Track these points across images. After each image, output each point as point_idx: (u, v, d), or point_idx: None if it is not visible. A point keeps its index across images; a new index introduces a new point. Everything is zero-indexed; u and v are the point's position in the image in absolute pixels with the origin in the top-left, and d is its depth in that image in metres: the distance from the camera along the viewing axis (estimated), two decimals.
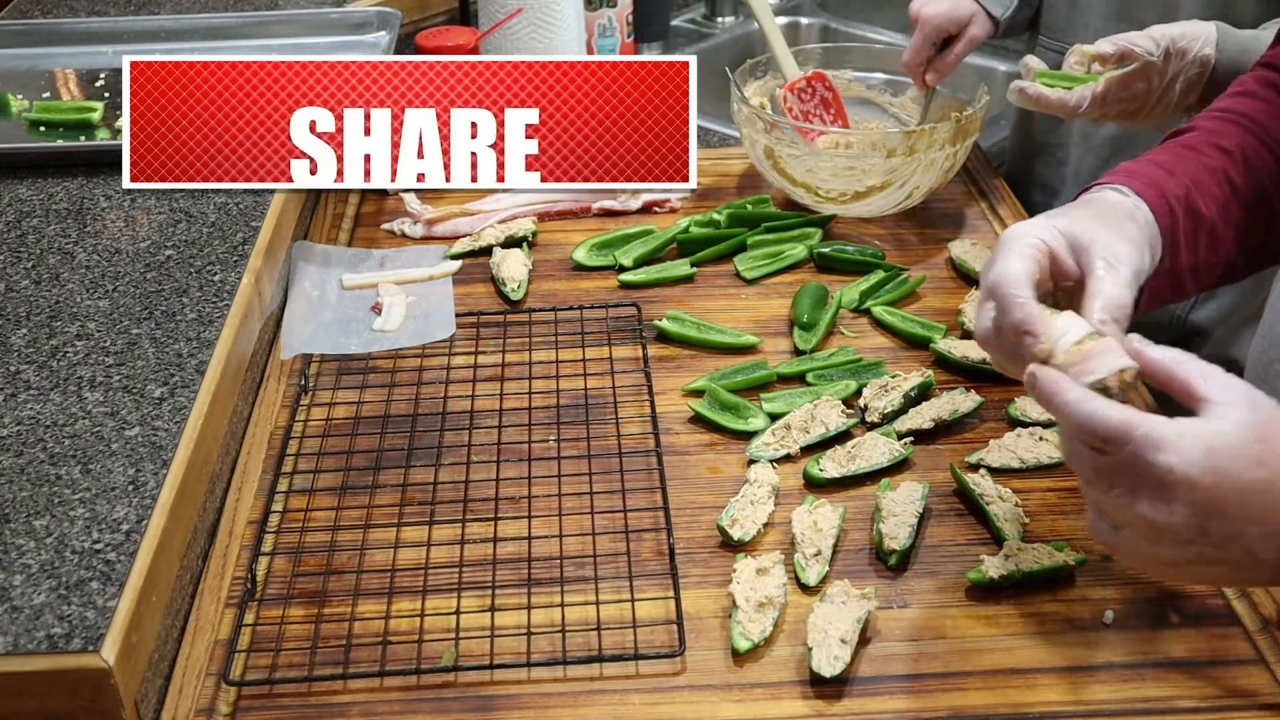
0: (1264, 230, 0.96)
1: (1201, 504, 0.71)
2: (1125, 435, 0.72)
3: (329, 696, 0.85)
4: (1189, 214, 0.91)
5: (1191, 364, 0.75)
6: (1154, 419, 0.72)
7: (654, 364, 1.17)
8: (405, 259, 1.34)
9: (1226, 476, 0.70)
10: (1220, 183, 0.93)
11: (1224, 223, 0.93)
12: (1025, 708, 0.83)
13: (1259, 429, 0.72)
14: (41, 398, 0.97)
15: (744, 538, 0.96)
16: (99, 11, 1.76)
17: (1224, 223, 0.93)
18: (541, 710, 0.84)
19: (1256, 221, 0.95)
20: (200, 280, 1.13)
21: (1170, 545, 0.73)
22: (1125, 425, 0.72)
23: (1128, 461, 0.72)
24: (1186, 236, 0.91)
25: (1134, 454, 0.72)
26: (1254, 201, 0.94)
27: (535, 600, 0.91)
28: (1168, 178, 0.91)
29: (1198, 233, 0.91)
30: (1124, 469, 0.72)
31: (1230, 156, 0.94)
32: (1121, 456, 0.72)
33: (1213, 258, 0.93)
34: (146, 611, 0.82)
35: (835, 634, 0.86)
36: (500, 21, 1.58)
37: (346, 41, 1.63)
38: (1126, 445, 0.72)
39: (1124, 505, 0.73)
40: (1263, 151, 0.95)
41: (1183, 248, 0.91)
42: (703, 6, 2.18)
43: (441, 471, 1.04)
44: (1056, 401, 0.75)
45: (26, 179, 1.30)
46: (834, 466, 1.03)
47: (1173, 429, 0.71)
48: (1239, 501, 0.71)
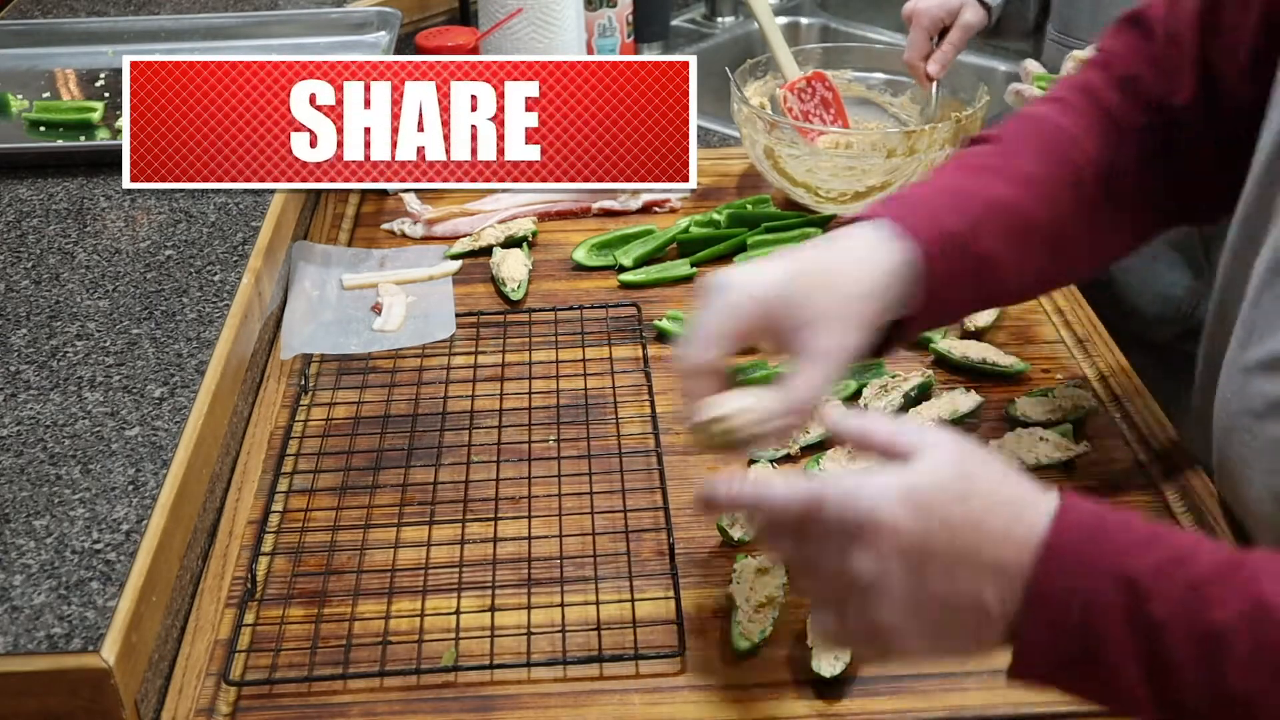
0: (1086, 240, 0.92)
1: (910, 549, 0.66)
2: (818, 500, 0.67)
3: (329, 696, 0.85)
4: (962, 255, 0.85)
5: (882, 423, 0.71)
6: (843, 476, 0.69)
7: (654, 364, 1.17)
8: (405, 259, 1.34)
9: (930, 515, 0.66)
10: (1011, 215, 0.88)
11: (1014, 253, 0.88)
12: (1025, 707, 0.83)
13: (960, 466, 0.68)
14: (41, 398, 0.97)
15: (744, 538, 0.96)
16: (99, 11, 1.76)
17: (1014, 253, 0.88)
18: (541, 710, 0.84)
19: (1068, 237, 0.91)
20: (200, 280, 1.13)
21: (893, 609, 0.67)
22: (816, 491, 0.68)
23: (829, 524, 0.67)
24: (958, 276, 0.86)
25: (833, 514, 0.67)
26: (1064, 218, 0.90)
27: (535, 600, 0.92)
28: (949, 209, 0.86)
29: (978, 272, 0.87)
30: (828, 538, 0.67)
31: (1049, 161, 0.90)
32: (821, 522, 0.67)
33: (998, 289, 0.90)
34: (146, 611, 0.82)
35: None
36: (500, 21, 1.58)
37: (346, 41, 1.63)
38: (823, 508, 0.67)
39: (838, 575, 0.67)
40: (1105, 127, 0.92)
41: (952, 286, 0.86)
42: (703, 6, 2.18)
43: (441, 471, 1.04)
44: (740, 499, 0.71)
45: (26, 179, 1.30)
46: (834, 466, 1.03)
47: (867, 478, 0.67)
48: (948, 540, 0.66)
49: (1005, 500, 0.67)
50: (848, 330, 0.81)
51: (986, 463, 0.69)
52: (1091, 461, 1.05)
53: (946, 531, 0.66)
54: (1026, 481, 0.69)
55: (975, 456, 0.69)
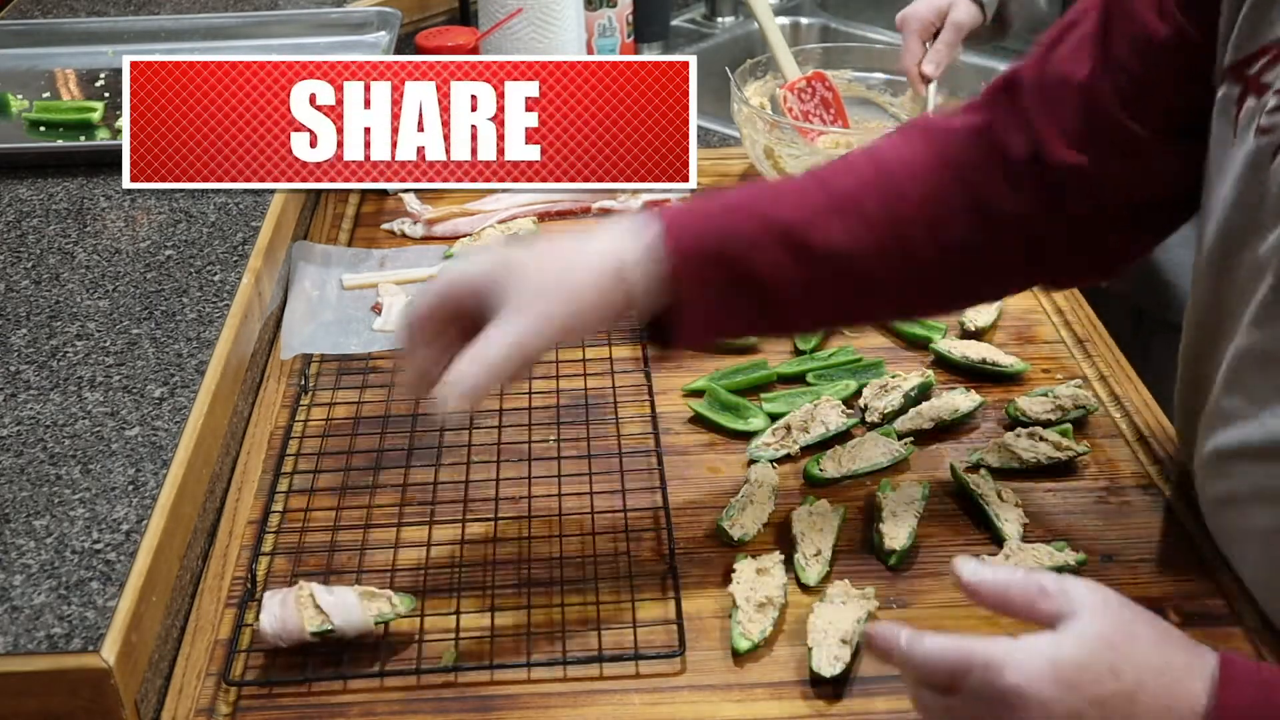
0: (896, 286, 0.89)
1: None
2: (966, 665, 0.67)
3: (329, 697, 0.85)
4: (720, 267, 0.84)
5: (1021, 585, 0.69)
6: (993, 642, 0.67)
7: (654, 364, 1.17)
8: (405, 259, 1.34)
9: (1080, 692, 0.65)
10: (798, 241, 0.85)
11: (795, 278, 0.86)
12: None
13: (1109, 639, 0.66)
14: (41, 398, 0.97)
15: (744, 537, 0.96)
16: (99, 11, 1.76)
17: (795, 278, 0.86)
18: (541, 710, 0.84)
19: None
20: (200, 280, 1.13)
21: None
22: (964, 655, 0.67)
23: (976, 690, 0.67)
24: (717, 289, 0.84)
25: (980, 681, 0.66)
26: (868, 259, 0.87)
27: (535, 600, 0.91)
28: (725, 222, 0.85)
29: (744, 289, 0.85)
30: (977, 702, 0.67)
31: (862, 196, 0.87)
32: (968, 688, 0.67)
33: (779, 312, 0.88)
34: (146, 611, 0.82)
35: (835, 634, 0.86)
36: (500, 21, 1.58)
37: (346, 41, 1.63)
38: (970, 675, 0.67)
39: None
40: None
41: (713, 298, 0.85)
42: (703, 6, 2.18)
43: (441, 471, 1.04)
44: (892, 652, 0.71)
45: (26, 179, 1.30)
46: (834, 466, 1.03)
47: (1015, 648, 0.66)
48: (1099, 716, 0.65)
49: (1160, 670, 0.66)
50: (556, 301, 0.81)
51: (1136, 625, 0.68)
52: (1091, 461, 1.05)
53: (1098, 709, 0.65)
54: (1180, 644, 0.68)
55: (1125, 621, 0.68)
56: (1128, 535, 0.97)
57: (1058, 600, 0.68)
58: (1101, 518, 0.99)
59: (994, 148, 0.90)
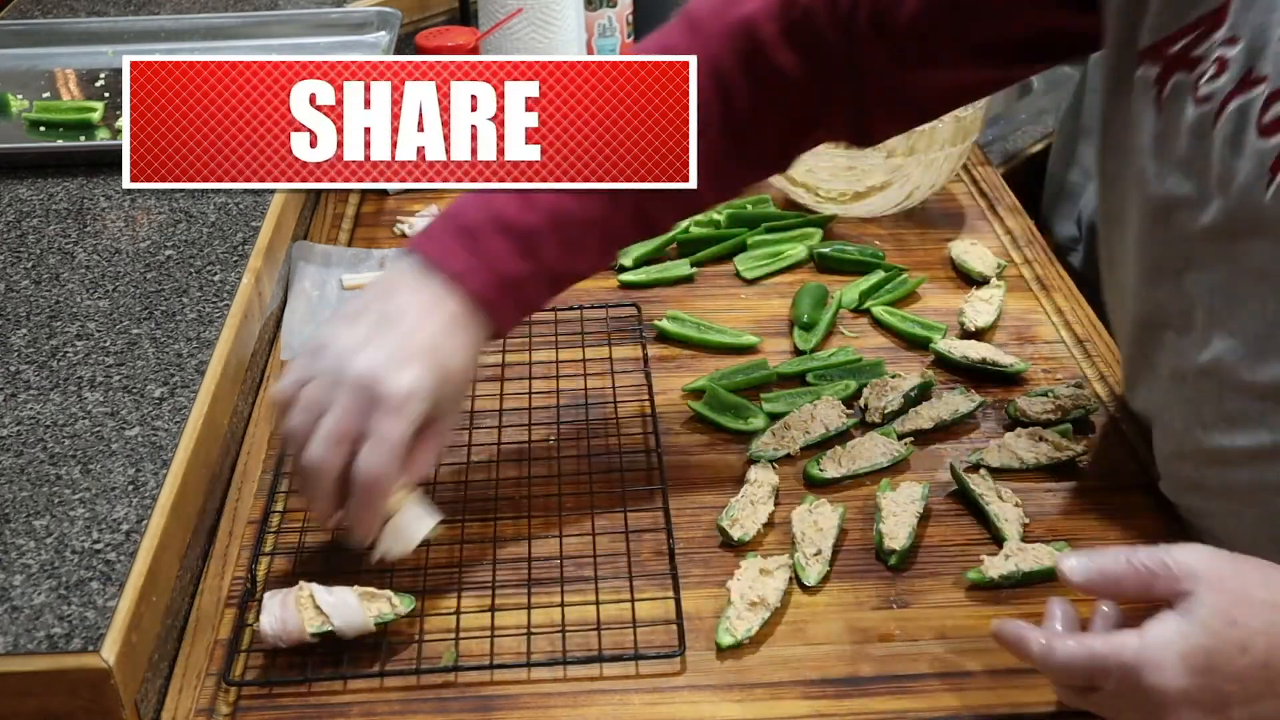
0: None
1: (1207, 703, 0.69)
2: (1103, 670, 0.71)
3: (329, 697, 0.85)
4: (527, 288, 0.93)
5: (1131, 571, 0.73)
6: (1122, 645, 0.71)
7: (654, 364, 1.17)
8: None
9: (1215, 674, 0.69)
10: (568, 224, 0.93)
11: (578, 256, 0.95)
12: (1025, 708, 0.83)
13: (1228, 613, 0.70)
14: (41, 398, 0.97)
15: (744, 538, 0.96)
16: (99, 11, 1.76)
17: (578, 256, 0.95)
18: (541, 710, 0.84)
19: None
20: (200, 280, 1.13)
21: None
22: (1098, 661, 0.71)
23: (1118, 692, 0.71)
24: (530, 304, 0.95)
25: (1119, 685, 0.71)
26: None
27: (535, 600, 0.92)
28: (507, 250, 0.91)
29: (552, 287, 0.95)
30: (1124, 698, 0.72)
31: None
32: (1110, 690, 0.72)
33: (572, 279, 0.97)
34: (146, 611, 0.82)
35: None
36: (500, 21, 1.58)
37: (346, 41, 1.63)
38: (1108, 679, 0.71)
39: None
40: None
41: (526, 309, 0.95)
42: None
43: (441, 471, 1.04)
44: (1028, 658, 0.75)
45: (26, 179, 1.30)
46: (834, 466, 1.03)
47: (1144, 648, 0.70)
48: (1241, 690, 0.69)
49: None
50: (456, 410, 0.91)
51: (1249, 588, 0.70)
52: (1091, 461, 1.05)
53: (1237, 684, 0.69)
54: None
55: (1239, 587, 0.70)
56: (1128, 535, 0.97)
57: (1169, 581, 0.71)
58: (1101, 518, 0.99)
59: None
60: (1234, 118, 0.79)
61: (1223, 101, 0.80)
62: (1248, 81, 0.78)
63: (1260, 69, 0.78)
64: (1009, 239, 1.38)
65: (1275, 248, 0.79)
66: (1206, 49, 0.81)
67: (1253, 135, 0.78)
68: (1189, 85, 0.82)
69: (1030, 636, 0.75)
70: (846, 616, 0.90)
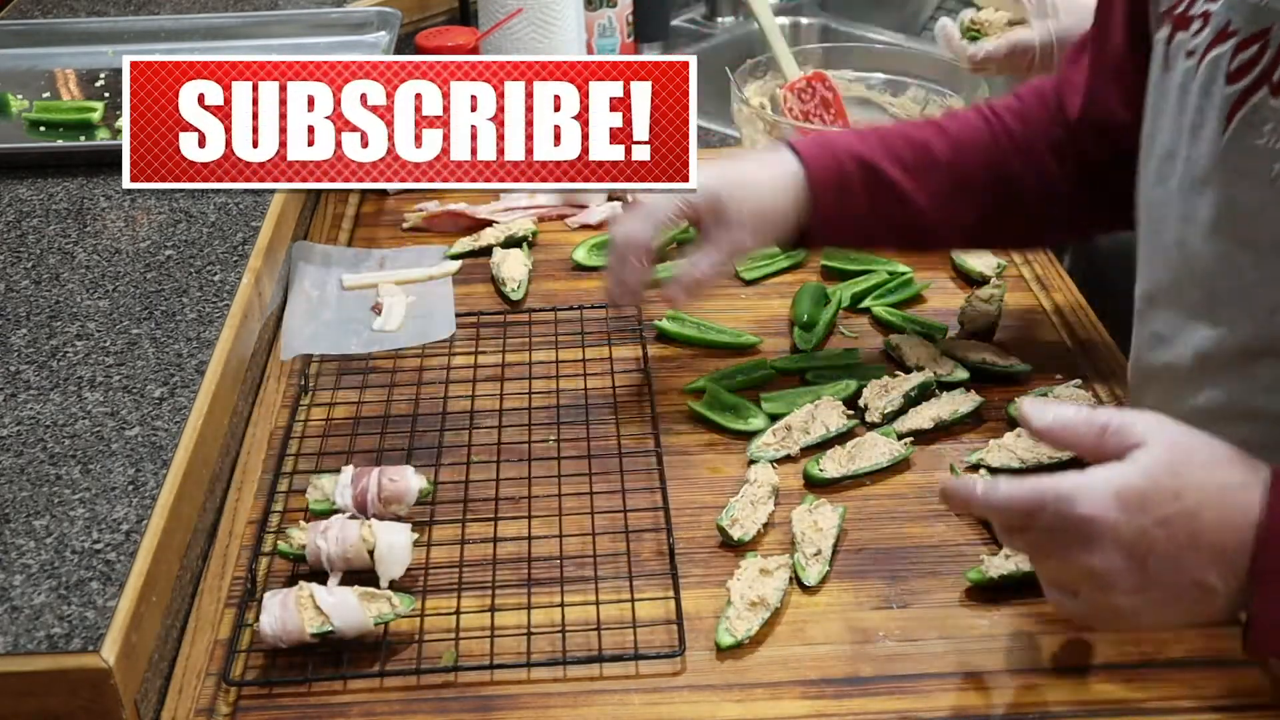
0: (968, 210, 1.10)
1: (1130, 544, 0.71)
2: (1039, 502, 0.73)
3: (329, 697, 0.85)
4: (864, 170, 1.07)
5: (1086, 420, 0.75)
6: (1061, 478, 0.73)
7: (654, 364, 1.17)
8: (405, 259, 1.34)
9: (1145, 513, 0.71)
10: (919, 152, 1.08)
11: (916, 186, 1.07)
12: (1025, 708, 0.83)
13: (1170, 465, 0.72)
14: (41, 398, 0.97)
15: (744, 537, 0.96)
16: (99, 11, 1.76)
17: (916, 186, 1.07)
18: (541, 710, 0.84)
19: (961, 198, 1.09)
20: (200, 280, 1.13)
21: (1123, 593, 0.73)
22: (1036, 494, 0.73)
23: (1052, 525, 0.72)
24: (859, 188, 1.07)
25: (1054, 516, 0.72)
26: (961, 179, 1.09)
27: (535, 600, 0.91)
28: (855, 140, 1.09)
29: (876, 188, 1.07)
30: (1054, 533, 0.73)
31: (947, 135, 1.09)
32: (1044, 522, 0.73)
33: (900, 213, 1.08)
34: (146, 611, 0.82)
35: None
36: (500, 21, 1.58)
37: (346, 41, 1.63)
38: (1044, 512, 0.72)
39: (1067, 566, 0.74)
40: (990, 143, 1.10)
41: (857, 197, 1.07)
42: (703, 6, 2.17)
43: (441, 472, 1.04)
44: (972, 502, 0.77)
45: (26, 179, 1.30)
46: (834, 466, 1.03)
47: (1082, 481, 0.72)
48: (1166, 535, 0.71)
49: (1219, 487, 0.72)
50: (750, 233, 1.06)
51: (1194, 451, 0.73)
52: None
53: (1163, 528, 0.71)
54: (1238, 462, 0.73)
55: (1185, 448, 0.73)
56: None
57: (1121, 434, 0.73)
58: None
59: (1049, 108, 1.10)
60: (1208, 69, 0.84)
61: (1201, 55, 0.85)
62: (1224, 34, 0.83)
63: (1235, 23, 0.82)
64: None
65: (1221, 193, 0.83)
66: (1196, 7, 0.86)
67: (1221, 83, 0.83)
68: (1184, 44, 0.87)
69: (975, 480, 0.78)
70: (846, 616, 0.90)
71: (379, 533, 0.90)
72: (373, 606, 0.87)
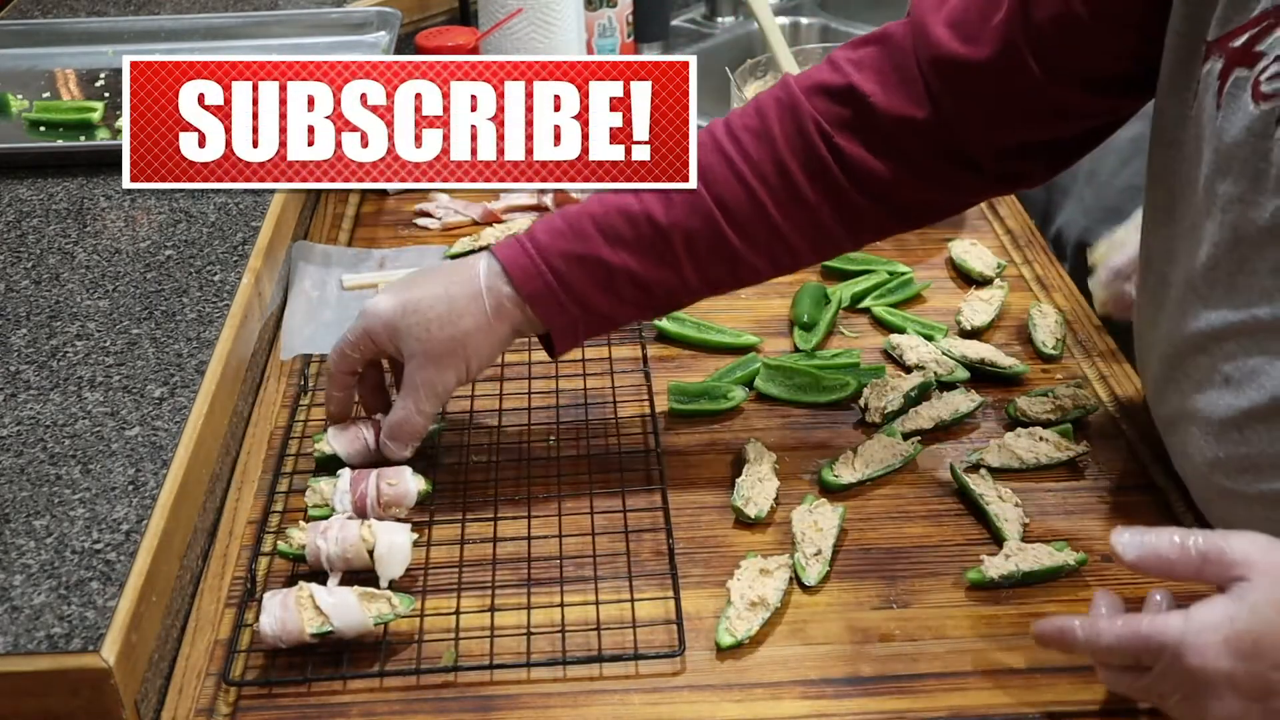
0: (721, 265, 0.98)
1: (1248, 691, 0.69)
2: (1147, 650, 0.71)
3: (328, 697, 0.85)
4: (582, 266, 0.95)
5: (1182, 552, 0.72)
6: (1167, 622, 0.71)
7: (654, 364, 1.17)
8: (405, 259, 1.34)
9: (1261, 660, 0.68)
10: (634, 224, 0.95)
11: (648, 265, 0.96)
12: (1025, 708, 0.83)
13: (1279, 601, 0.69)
14: (41, 398, 0.97)
15: (760, 514, 0.97)
16: (99, 11, 1.76)
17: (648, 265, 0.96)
18: (541, 710, 0.84)
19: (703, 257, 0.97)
20: (200, 280, 1.13)
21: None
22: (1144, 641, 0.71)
23: (1164, 674, 0.71)
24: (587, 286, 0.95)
25: (1164, 667, 0.71)
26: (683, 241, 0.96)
27: (535, 600, 0.92)
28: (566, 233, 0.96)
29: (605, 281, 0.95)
30: (1165, 681, 0.71)
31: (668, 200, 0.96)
32: (1156, 672, 0.71)
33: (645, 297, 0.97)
34: (146, 611, 0.82)
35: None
36: (500, 21, 1.58)
37: (346, 41, 1.63)
38: (1153, 660, 0.71)
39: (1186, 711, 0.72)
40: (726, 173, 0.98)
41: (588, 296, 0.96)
42: (703, 6, 2.18)
43: (441, 472, 1.04)
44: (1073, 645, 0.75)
45: (26, 179, 1.30)
46: (848, 471, 1.03)
47: (1189, 630, 0.70)
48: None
49: None
50: (442, 369, 0.96)
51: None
52: (1091, 461, 1.05)
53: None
54: None
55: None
56: None
57: (1222, 564, 0.70)
58: (1101, 518, 0.99)
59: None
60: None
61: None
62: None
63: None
64: (1009, 239, 1.38)
65: None
66: (1270, 44, 0.79)
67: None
68: (1249, 82, 0.80)
69: (1074, 623, 0.75)
70: (846, 616, 0.90)
71: (379, 533, 0.90)
72: (372, 606, 0.87)
